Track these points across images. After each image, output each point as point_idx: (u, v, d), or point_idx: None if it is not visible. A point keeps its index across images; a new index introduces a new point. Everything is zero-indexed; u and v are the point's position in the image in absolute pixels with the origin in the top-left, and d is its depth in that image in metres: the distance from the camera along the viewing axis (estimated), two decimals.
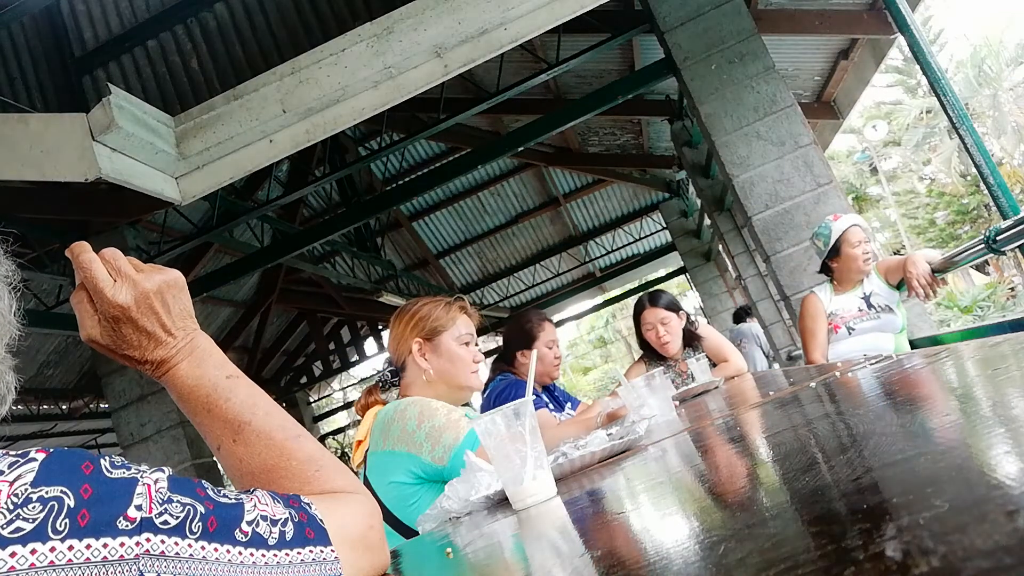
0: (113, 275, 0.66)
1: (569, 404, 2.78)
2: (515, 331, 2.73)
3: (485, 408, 2.56)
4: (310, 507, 0.61)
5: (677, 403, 2.10)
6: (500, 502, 1.10)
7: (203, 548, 0.50)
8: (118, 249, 0.69)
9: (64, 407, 9.40)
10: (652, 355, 2.97)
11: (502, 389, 2.55)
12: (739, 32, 4.38)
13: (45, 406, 9.08)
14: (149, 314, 0.67)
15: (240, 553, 0.52)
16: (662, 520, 0.62)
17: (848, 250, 2.71)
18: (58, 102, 5.56)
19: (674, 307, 2.91)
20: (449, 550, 0.86)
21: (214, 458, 5.63)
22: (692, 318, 2.98)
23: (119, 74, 5.52)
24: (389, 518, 1.42)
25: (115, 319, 0.66)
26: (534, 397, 2.50)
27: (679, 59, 4.47)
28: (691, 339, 2.94)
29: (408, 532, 1.40)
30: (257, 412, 0.69)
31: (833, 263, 2.78)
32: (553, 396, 2.75)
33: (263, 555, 0.53)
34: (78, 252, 0.67)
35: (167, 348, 0.69)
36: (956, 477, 0.40)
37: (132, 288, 0.66)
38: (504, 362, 2.74)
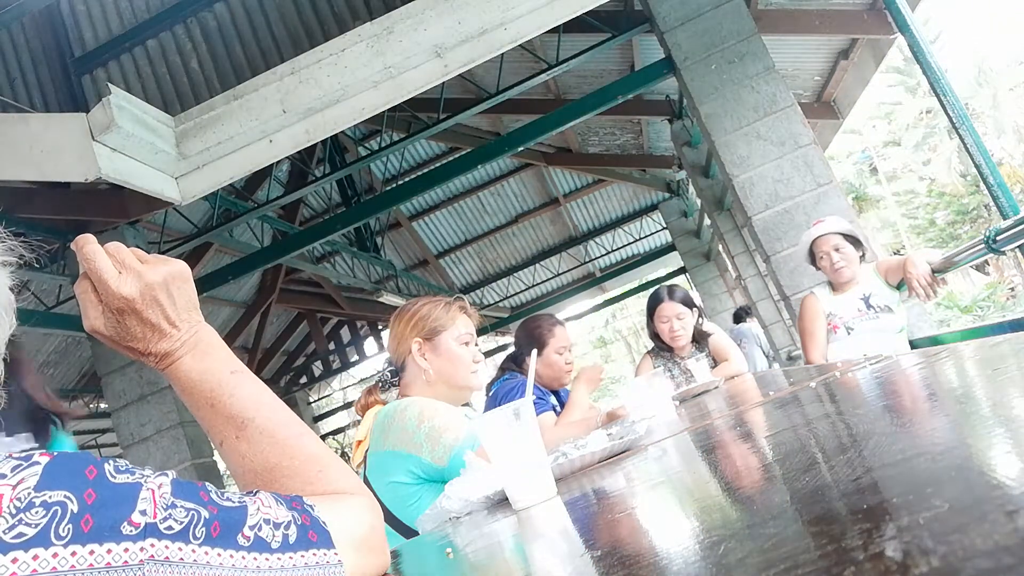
0: (118, 267, 0.66)
1: None
2: (526, 335, 2.70)
3: (489, 406, 2.56)
4: (312, 509, 0.60)
5: (677, 403, 2.10)
6: (500, 502, 1.10)
7: (206, 553, 0.50)
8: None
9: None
10: (661, 348, 3.03)
11: (509, 389, 2.54)
12: (739, 32, 4.38)
13: None
14: (154, 306, 0.66)
15: (243, 558, 0.52)
16: (662, 520, 0.62)
17: (819, 262, 2.75)
18: (58, 102, 5.55)
19: (689, 303, 2.99)
20: (449, 550, 0.86)
21: (214, 458, 5.60)
22: (702, 316, 3.05)
23: (119, 74, 5.52)
24: (389, 518, 1.42)
25: (119, 311, 0.65)
26: (540, 398, 2.51)
27: (679, 59, 4.47)
28: (699, 336, 3.00)
29: (408, 532, 1.40)
30: (261, 409, 0.68)
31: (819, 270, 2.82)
32: (560, 400, 2.74)
33: (266, 559, 0.53)
34: (83, 244, 0.66)
35: (171, 341, 0.68)
36: (956, 477, 0.40)
37: (137, 280, 0.66)
38: (513, 363, 2.73)
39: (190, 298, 0.70)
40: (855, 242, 2.74)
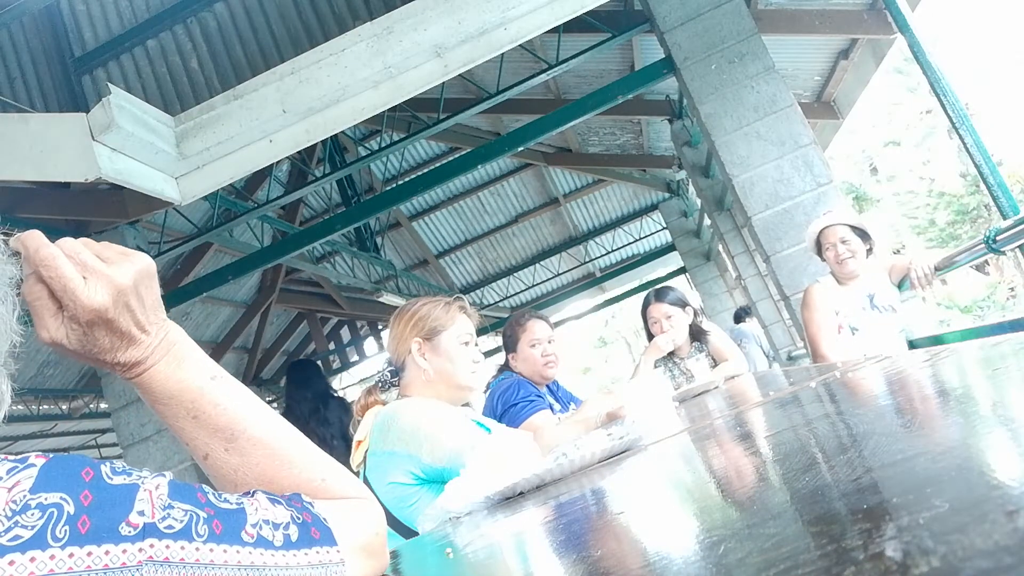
0: (80, 270, 0.57)
1: (573, 404, 2.77)
2: (504, 335, 2.71)
3: (487, 406, 2.56)
4: (312, 506, 0.60)
5: (677, 403, 2.10)
6: (500, 502, 1.10)
7: (211, 551, 0.49)
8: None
9: (64, 407, 9.39)
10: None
11: (506, 388, 2.53)
12: (739, 32, 4.37)
13: (45, 406, 9.06)
14: (125, 313, 0.59)
15: (250, 553, 0.51)
16: (662, 520, 0.62)
17: (824, 253, 2.71)
18: (58, 102, 5.55)
19: (681, 303, 2.96)
20: (449, 550, 0.86)
21: None
22: (699, 314, 3.02)
23: (119, 74, 5.52)
24: (389, 518, 1.42)
25: (89, 323, 0.57)
26: (536, 396, 2.51)
27: (679, 59, 4.47)
28: (698, 334, 2.98)
29: (408, 532, 1.40)
30: (251, 417, 0.63)
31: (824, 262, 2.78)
32: (556, 397, 2.74)
33: (272, 555, 0.53)
34: (34, 246, 0.56)
35: (142, 348, 0.61)
36: (956, 477, 0.40)
37: (107, 285, 0.58)
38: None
39: (156, 296, 0.63)
40: (863, 235, 2.67)
